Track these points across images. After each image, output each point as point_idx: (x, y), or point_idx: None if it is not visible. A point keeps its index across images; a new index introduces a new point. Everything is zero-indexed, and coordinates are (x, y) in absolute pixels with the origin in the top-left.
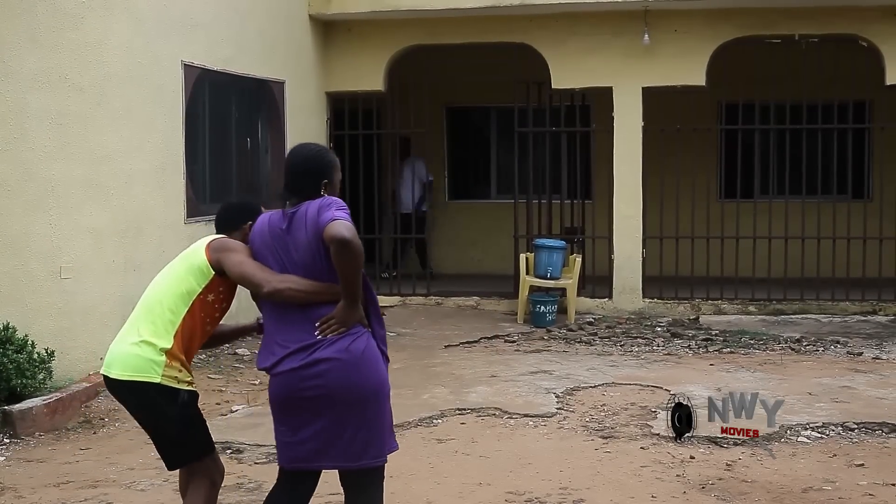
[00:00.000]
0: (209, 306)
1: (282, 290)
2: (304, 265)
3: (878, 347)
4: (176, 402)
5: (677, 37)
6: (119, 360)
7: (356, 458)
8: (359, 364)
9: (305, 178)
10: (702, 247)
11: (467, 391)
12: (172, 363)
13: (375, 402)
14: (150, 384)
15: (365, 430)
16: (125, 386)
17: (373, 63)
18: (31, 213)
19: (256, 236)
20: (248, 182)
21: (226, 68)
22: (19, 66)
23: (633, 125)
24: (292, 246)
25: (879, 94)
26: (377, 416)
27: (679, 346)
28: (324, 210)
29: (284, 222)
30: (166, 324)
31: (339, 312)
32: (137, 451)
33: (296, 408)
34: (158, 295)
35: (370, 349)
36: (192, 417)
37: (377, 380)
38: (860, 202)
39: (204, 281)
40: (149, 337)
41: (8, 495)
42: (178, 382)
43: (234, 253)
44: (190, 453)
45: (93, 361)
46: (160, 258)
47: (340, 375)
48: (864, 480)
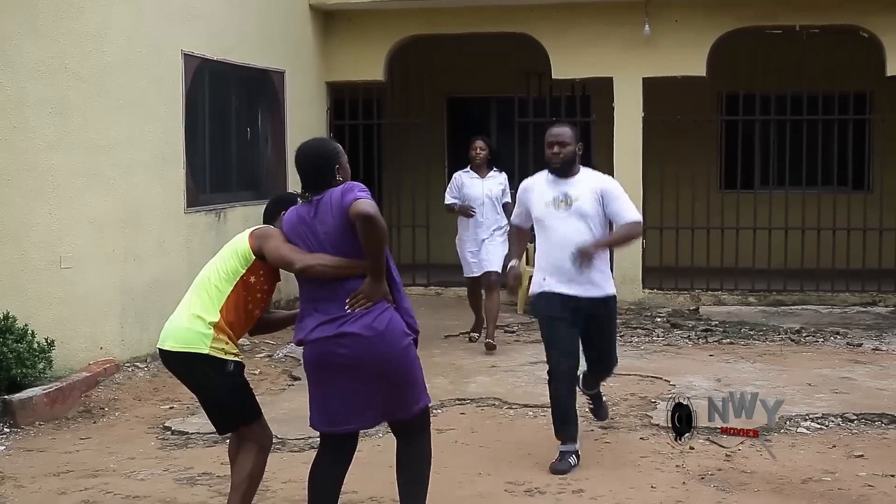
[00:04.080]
0: (251, 287)
1: (312, 265)
2: (333, 246)
3: (878, 338)
4: (223, 371)
5: (678, 27)
6: (172, 334)
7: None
8: (382, 337)
9: (318, 172)
10: (702, 237)
11: (467, 381)
12: (219, 336)
13: (400, 368)
14: (200, 355)
15: (393, 392)
16: (178, 357)
17: (373, 53)
18: (31, 202)
19: (286, 226)
20: (249, 172)
21: (226, 58)
22: (19, 56)
23: (634, 116)
24: (321, 229)
25: (880, 86)
26: (405, 379)
27: (679, 336)
28: (347, 193)
29: (311, 210)
30: (213, 300)
31: (366, 288)
32: (137, 440)
33: (327, 374)
34: (207, 275)
35: (393, 322)
36: (238, 385)
37: (399, 350)
38: (860, 193)
39: (246, 264)
40: (198, 312)
41: (8, 484)
42: (225, 353)
43: (272, 238)
44: (238, 418)
45: (93, 351)
46: (160, 248)
47: (365, 349)
48: (864, 471)
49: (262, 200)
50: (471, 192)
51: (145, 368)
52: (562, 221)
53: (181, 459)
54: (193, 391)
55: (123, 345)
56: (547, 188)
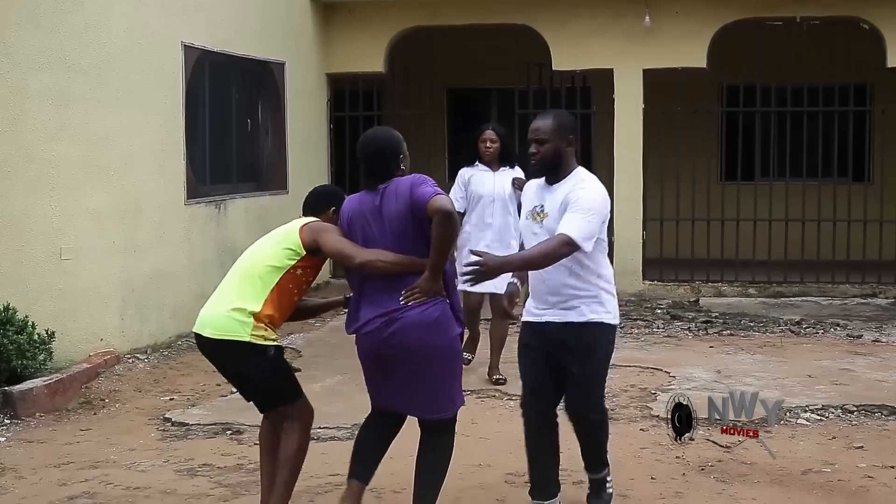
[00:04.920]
0: (297, 279)
1: (372, 261)
2: (394, 234)
3: (878, 330)
4: (265, 357)
5: (678, 19)
6: (212, 321)
7: (428, 411)
8: (432, 327)
9: (384, 162)
10: (702, 229)
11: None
12: (259, 324)
13: (446, 360)
14: (240, 343)
15: (435, 387)
16: (217, 344)
17: (373, 44)
18: (32, 194)
19: (347, 213)
20: (249, 163)
21: (226, 49)
22: (20, 48)
23: (634, 107)
24: (386, 217)
25: (880, 77)
26: (448, 373)
27: (679, 328)
28: (418, 185)
29: (377, 198)
30: (257, 291)
31: (423, 283)
32: (138, 431)
33: (379, 364)
34: (253, 265)
35: (444, 314)
36: (279, 368)
37: (448, 341)
38: (861, 185)
39: (296, 258)
40: (241, 301)
41: (8, 476)
42: (265, 340)
43: (329, 233)
44: (279, 398)
45: (93, 342)
46: (160, 239)
47: (416, 336)
48: (864, 463)
49: (262, 192)
50: (479, 189)
51: (146, 360)
52: (535, 238)
53: (181, 451)
54: (230, 376)
55: (124, 336)
56: (533, 195)
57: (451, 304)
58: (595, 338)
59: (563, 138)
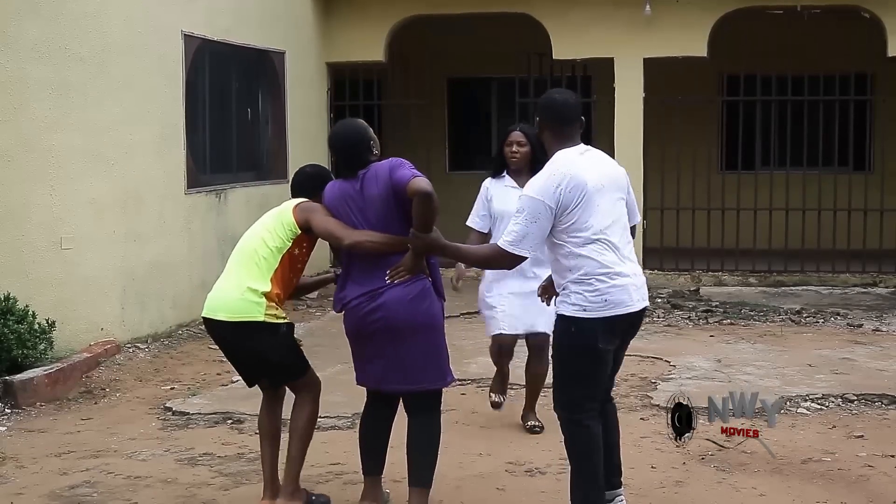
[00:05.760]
0: (295, 258)
1: (361, 241)
2: (377, 218)
3: (879, 319)
4: (278, 334)
5: (679, 7)
6: (225, 305)
7: (416, 381)
8: (414, 302)
9: (356, 152)
10: (702, 218)
11: (468, 362)
12: (270, 303)
13: (430, 332)
14: (256, 323)
15: (422, 359)
16: (233, 326)
17: (373, 34)
18: (32, 183)
19: (329, 199)
20: (249, 153)
21: (226, 38)
22: (19, 37)
23: (635, 96)
24: (368, 203)
25: (881, 66)
26: (432, 346)
27: (679, 317)
28: (397, 168)
29: (357, 184)
30: (263, 271)
31: (407, 261)
32: (138, 421)
33: (364, 339)
34: (254, 247)
35: (426, 290)
36: (291, 345)
37: (430, 314)
38: (861, 174)
39: (292, 237)
40: (250, 283)
41: (9, 465)
42: (276, 318)
43: (319, 213)
44: (293, 372)
45: (94, 332)
46: (161, 228)
47: (398, 311)
48: (864, 452)
49: (262, 181)
50: (501, 208)
51: (146, 349)
52: None
53: (182, 440)
54: (245, 357)
55: (124, 325)
56: None
57: (434, 282)
58: (557, 331)
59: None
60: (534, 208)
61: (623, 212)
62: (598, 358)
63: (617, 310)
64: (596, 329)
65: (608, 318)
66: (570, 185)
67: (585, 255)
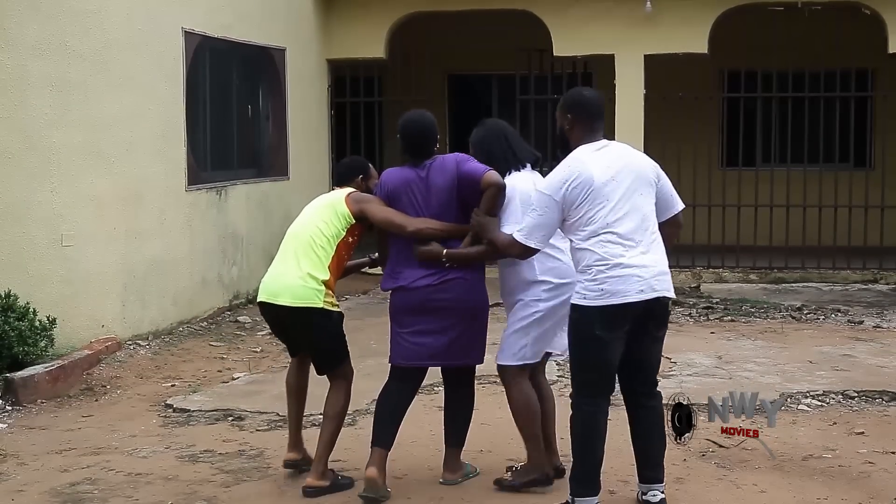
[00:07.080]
0: (348, 246)
1: (423, 229)
2: (440, 205)
3: (879, 316)
4: (332, 321)
5: (679, 4)
6: (287, 291)
7: (463, 357)
8: (476, 285)
9: (426, 141)
10: (703, 215)
11: None
12: (328, 291)
13: (483, 316)
14: (315, 309)
15: (472, 338)
16: (295, 312)
17: (374, 30)
18: (33, 180)
19: (389, 184)
20: (250, 150)
21: (226, 35)
22: (20, 34)
23: (635, 93)
24: (433, 191)
25: (882, 63)
26: (480, 329)
27: (680, 314)
28: (465, 162)
29: (424, 172)
30: (322, 259)
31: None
32: (139, 418)
33: (426, 313)
34: (310, 234)
35: (482, 278)
36: (339, 333)
37: (485, 300)
38: (862, 171)
39: (346, 226)
40: (311, 270)
41: (10, 462)
42: (332, 306)
43: (373, 203)
44: (339, 359)
45: (94, 329)
46: (161, 226)
47: (463, 291)
48: (864, 448)
49: (263, 178)
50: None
51: (147, 346)
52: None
53: (183, 437)
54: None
55: (125, 323)
56: None
57: None
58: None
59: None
60: (542, 202)
61: (644, 203)
62: (597, 345)
63: (614, 299)
64: (592, 317)
65: (605, 307)
66: (577, 182)
67: (587, 249)
